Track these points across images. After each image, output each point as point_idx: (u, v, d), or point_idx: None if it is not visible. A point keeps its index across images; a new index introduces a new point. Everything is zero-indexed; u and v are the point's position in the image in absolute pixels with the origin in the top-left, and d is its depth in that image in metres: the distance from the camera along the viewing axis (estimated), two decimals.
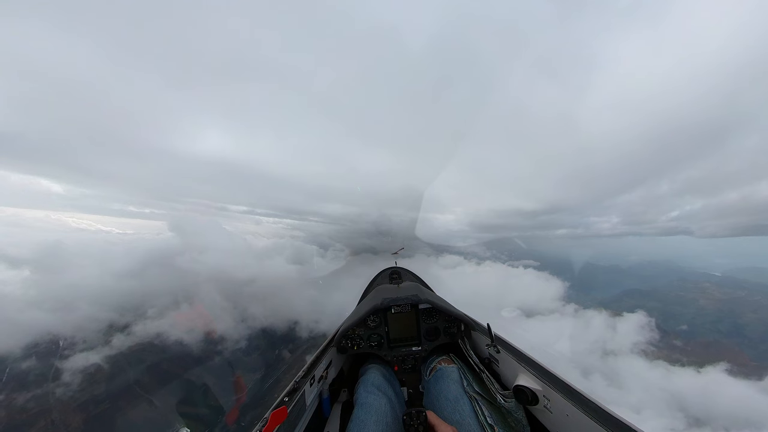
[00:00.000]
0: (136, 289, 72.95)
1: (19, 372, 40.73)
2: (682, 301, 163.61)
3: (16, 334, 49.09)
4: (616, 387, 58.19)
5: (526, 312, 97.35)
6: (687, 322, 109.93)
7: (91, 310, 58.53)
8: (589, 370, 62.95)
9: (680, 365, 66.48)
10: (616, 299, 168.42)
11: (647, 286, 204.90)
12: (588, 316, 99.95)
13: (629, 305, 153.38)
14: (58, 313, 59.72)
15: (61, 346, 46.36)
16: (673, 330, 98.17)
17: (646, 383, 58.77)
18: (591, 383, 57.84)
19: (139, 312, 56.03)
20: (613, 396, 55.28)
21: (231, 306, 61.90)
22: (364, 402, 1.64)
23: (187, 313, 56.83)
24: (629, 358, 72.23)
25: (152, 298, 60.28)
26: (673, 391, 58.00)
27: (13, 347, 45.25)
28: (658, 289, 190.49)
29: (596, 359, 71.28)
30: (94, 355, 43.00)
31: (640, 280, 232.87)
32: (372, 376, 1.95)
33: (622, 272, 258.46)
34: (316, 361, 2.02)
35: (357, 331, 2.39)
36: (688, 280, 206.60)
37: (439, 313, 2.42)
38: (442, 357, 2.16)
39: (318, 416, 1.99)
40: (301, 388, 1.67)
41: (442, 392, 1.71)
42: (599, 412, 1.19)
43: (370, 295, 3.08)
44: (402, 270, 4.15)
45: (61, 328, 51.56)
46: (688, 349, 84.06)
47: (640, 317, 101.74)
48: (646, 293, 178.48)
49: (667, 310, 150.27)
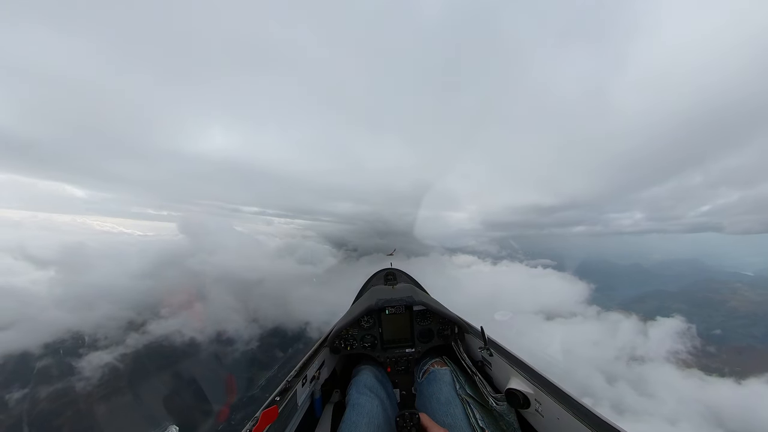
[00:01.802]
0: (150, 288, 74.41)
1: (45, 366, 42.09)
2: (711, 302, 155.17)
3: (44, 331, 50.74)
4: (646, 396, 54.68)
5: (546, 314, 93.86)
6: (717, 326, 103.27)
7: (110, 308, 60.13)
8: (615, 377, 59.58)
9: (718, 375, 61.94)
10: (639, 300, 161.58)
11: (672, 286, 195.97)
12: (612, 319, 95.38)
13: (653, 307, 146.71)
14: (80, 312, 61.60)
15: (86, 342, 47.95)
16: (706, 335, 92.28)
17: (680, 393, 55.08)
18: (617, 391, 54.89)
19: (153, 311, 57.06)
20: (644, 406, 52.05)
21: (242, 306, 62.12)
22: (356, 403, 1.63)
23: (197, 312, 57.38)
24: (659, 366, 68.38)
25: (165, 298, 61.03)
26: (709, 402, 53.98)
27: (40, 342, 46.94)
28: (684, 290, 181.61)
29: (622, 366, 67.77)
30: (107, 354, 43.80)
31: (664, 280, 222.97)
32: (364, 377, 1.94)
33: (644, 272, 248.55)
34: (309, 361, 2.00)
35: (350, 331, 2.36)
36: (717, 280, 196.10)
37: (433, 315, 2.39)
38: (435, 359, 2.17)
39: (309, 417, 1.98)
40: (293, 387, 1.67)
41: (434, 394, 1.71)
42: (590, 416, 1.18)
43: (364, 296, 3.05)
44: (397, 271, 4.05)
45: (83, 326, 53.25)
46: (724, 356, 78.65)
47: (673, 321, 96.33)
48: (670, 294, 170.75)
49: (694, 312, 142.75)
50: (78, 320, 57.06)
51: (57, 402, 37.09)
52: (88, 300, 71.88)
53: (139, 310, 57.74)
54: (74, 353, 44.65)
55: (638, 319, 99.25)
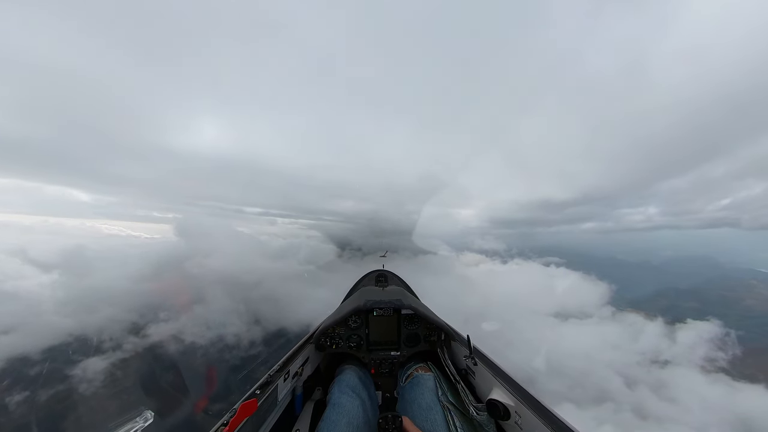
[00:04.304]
0: (150, 291, 73.69)
1: (50, 369, 41.82)
2: (726, 301, 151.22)
3: (49, 334, 50.33)
4: (668, 401, 51.90)
5: (559, 315, 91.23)
6: (733, 326, 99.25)
7: (112, 311, 59.75)
8: (635, 381, 56.90)
9: (747, 381, 58.68)
10: (649, 299, 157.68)
11: (684, 284, 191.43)
12: (627, 320, 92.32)
13: (664, 306, 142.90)
14: (82, 315, 61.74)
15: (88, 345, 47.28)
16: (732, 336, 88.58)
17: (705, 399, 52.14)
18: (637, 395, 52.28)
19: (153, 314, 56.64)
20: (668, 413, 49.34)
21: (243, 308, 60.97)
22: (337, 402, 1.64)
23: (195, 315, 56.65)
24: (680, 369, 65.33)
25: (164, 301, 60.35)
26: (737, 410, 51.01)
27: (43, 346, 46.72)
28: (697, 288, 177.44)
29: (641, 369, 65.05)
30: (103, 360, 43.14)
31: (676, 278, 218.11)
32: (348, 377, 1.96)
33: (654, 269, 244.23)
34: (293, 357, 2.01)
35: (337, 330, 2.37)
36: (731, 278, 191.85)
37: (421, 320, 2.39)
38: (419, 364, 2.16)
39: (289, 412, 1.98)
40: (275, 382, 1.67)
41: (416, 399, 1.72)
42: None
43: (354, 296, 3.06)
44: (389, 273, 3.99)
45: (87, 329, 52.93)
46: (749, 360, 75.11)
47: (694, 324, 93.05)
48: (683, 292, 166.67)
49: (708, 311, 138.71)
50: (78, 323, 56.84)
51: (60, 404, 36.51)
52: (89, 303, 71.62)
53: (141, 313, 57.31)
54: (74, 357, 43.76)
55: (653, 320, 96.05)
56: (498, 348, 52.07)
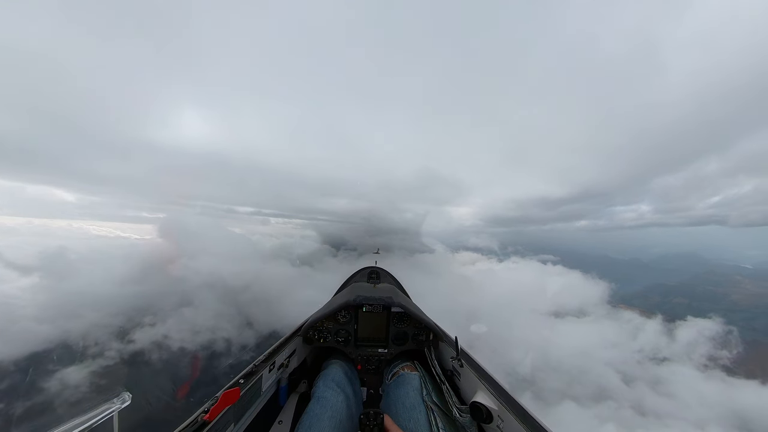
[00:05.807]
0: (138, 293, 71.11)
1: (28, 379, 40.32)
2: (712, 296, 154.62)
3: (28, 341, 48.41)
4: (666, 397, 52.05)
5: (556, 313, 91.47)
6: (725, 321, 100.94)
7: (95, 316, 57.28)
8: (632, 378, 57.08)
9: (743, 377, 59.41)
10: (640, 295, 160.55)
11: (672, 280, 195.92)
12: (622, 317, 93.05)
13: (655, 302, 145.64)
14: (63, 320, 59.22)
15: (81, 348, 46.03)
16: (728, 333, 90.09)
17: (703, 396, 52.55)
18: (636, 392, 52.36)
19: (140, 318, 54.60)
20: (667, 409, 49.52)
21: (234, 311, 59.12)
22: (321, 396, 1.65)
23: (188, 318, 54.72)
24: (677, 366, 66.04)
25: (152, 304, 58.20)
26: (733, 406, 51.53)
27: (20, 354, 44.82)
28: (685, 284, 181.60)
29: (638, 366, 65.57)
30: (85, 368, 41.06)
31: (664, 274, 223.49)
32: (333, 372, 1.96)
33: (643, 266, 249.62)
34: (279, 348, 2.01)
35: (326, 324, 2.38)
36: (717, 273, 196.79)
37: (410, 319, 2.39)
38: (406, 363, 2.17)
39: (273, 404, 1.98)
40: (259, 372, 1.67)
41: (400, 398, 1.73)
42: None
43: (345, 291, 3.08)
44: (381, 271, 4.02)
45: (69, 335, 50.42)
46: (748, 356, 76.36)
47: (687, 321, 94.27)
48: (671, 288, 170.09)
49: (695, 306, 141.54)
50: (59, 329, 54.45)
51: (40, 417, 34.61)
52: (71, 308, 68.63)
53: (128, 317, 55.11)
54: (53, 367, 41.27)
55: (649, 317, 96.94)
56: (498, 348, 51.34)
